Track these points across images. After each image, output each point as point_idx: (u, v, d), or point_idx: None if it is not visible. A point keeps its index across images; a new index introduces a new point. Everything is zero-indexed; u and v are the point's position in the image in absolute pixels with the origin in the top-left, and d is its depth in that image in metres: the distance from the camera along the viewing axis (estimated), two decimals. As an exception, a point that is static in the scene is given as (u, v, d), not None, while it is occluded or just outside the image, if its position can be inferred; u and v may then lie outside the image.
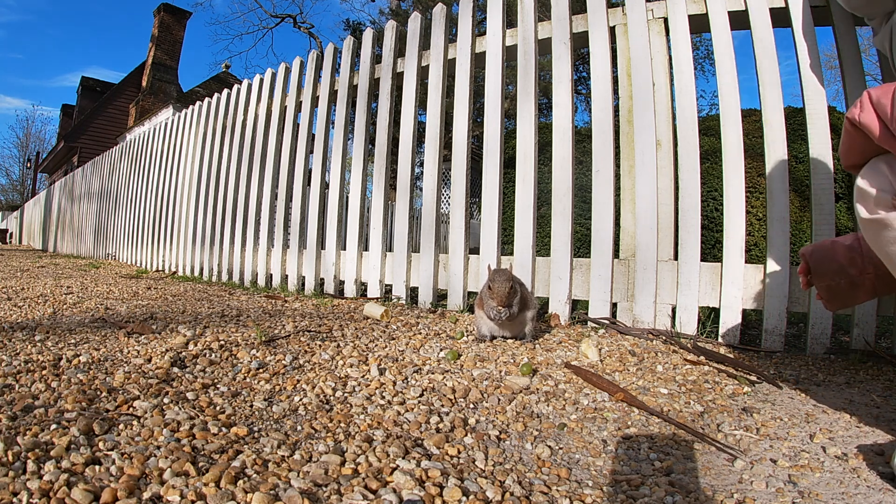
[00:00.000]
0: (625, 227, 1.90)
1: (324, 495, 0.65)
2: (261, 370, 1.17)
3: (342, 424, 0.89)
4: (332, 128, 2.96)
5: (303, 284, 2.99)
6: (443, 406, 1.01)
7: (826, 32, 1.70)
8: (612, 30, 1.99)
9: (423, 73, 2.57)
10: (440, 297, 2.41)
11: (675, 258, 1.79)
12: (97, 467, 0.66)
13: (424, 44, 2.58)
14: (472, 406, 1.03)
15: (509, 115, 8.33)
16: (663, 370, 1.30)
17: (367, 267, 2.62)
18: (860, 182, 0.76)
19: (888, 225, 0.73)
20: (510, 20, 2.32)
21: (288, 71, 3.36)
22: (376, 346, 1.45)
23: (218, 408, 0.93)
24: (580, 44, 2.13)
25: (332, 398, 1.03)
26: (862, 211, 0.77)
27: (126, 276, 3.68)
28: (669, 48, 1.89)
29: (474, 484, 0.70)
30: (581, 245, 3.73)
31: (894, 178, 0.71)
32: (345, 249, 2.77)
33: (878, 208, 0.74)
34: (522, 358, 1.37)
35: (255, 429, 0.85)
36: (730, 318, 1.68)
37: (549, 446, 0.85)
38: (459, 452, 0.81)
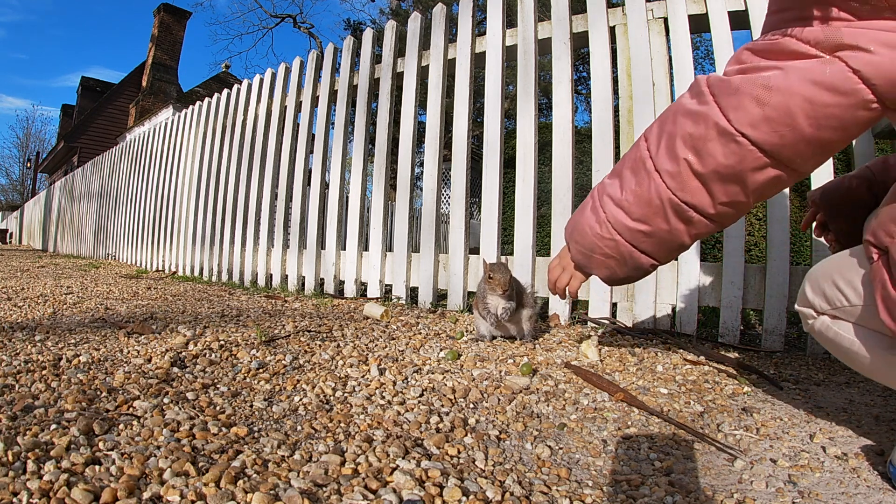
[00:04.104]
0: (625, 227, 1.90)
1: (324, 495, 0.65)
2: (261, 370, 1.17)
3: (342, 424, 0.89)
4: (332, 128, 2.96)
5: (303, 284, 2.99)
6: (443, 406, 1.01)
7: (826, 32, 1.70)
8: (612, 30, 1.99)
9: (423, 73, 2.57)
10: (440, 297, 2.41)
11: (675, 258, 1.79)
12: (97, 467, 0.66)
13: (424, 44, 2.58)
14: (472, 406, 1.03)
15: (509, 115, 8.32)
16: (663, 370, 1.30)
17: (367, 267, 2.62)
18: (796, 304, 0.90)
19: (814, 329, 0.86)
20: (510, 20, 2.32)
21: (288, 71, 3.36)
22: (376, 346, 1.45)
23: (218, 408, 0.93)
24: (580, 44, 2.13)
25: (332, 398, 1.03)
26: (804, 324, 0.90)
27: (126, 276, 3.68)
28: (669, 48, 1.89)
29: (474, 484, 0.70)
30: (581, 245, 3.71)
31: (809, 297, 0.85)
32: (345, 249, 2.77)
33: (807, 319, 0.87)
34: (522, 358, 1.37)
35: (255, 429, 0.85)
36: (730, 318, 1.69)
37: (549, 446, 0.85)
38: (459, 452, 0.81)
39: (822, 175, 1.59)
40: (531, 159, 2.10)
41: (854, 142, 1.61)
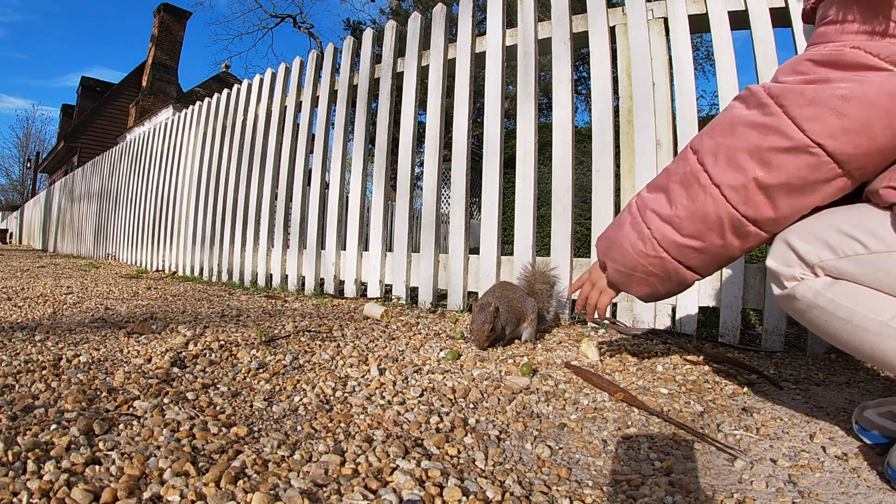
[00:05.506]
0: (625, 227, 1.90)
1: (324, 495, 0.65)
2: (261, 370, 1.17)
3: (342, 424, 0.89)
4: (332, 128, 2.96)
5: (303, 284, 2.99)
6: (443, 406, 1.01)
7: (826, 32, 1.70)
8: (612, 30, 1.99)
9: (423, 73, 2.57)
10: (440, 297, 2.41)
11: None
12: (97, 467, 0.66)
13: (424, 44, 2.58)
14: (472, 406, 1.03)
15: (509, 115, 8.33)
16: (663, 370, 1.30)
17: (367, 267, 2.62)
18: (769, 262, 0.80)
19: (794, 297, 0.77)
20: (510, 20, 2.32)
21: (288, 71, 3.36)
22: (376, 346, 1.45)
23: (218, 408, 0.93)
24: (580, 44, 2.13)
25: (332, 398, 1.03)
26: (774, 289, 0.82)
27: (126, 276, 3.68)
28: (669, 48, 1.89)
29: (474, 484, 0.70)
30: (581, 245, 3.73)
31: (801, 249, 0.76)
32: (345, 249, 2.77)
33: (786, 282, 0.78)
34: (522, 358, 1.37)
35: (255, 429, 0.85)
36: (730, 318, 1.68)
37: (549, 446, 0.85)
38: (459, 452, 0.81)
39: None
40: (531, 159, 2.10)
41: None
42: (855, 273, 0.71)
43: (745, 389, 1.16)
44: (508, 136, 4.09)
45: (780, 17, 1.71)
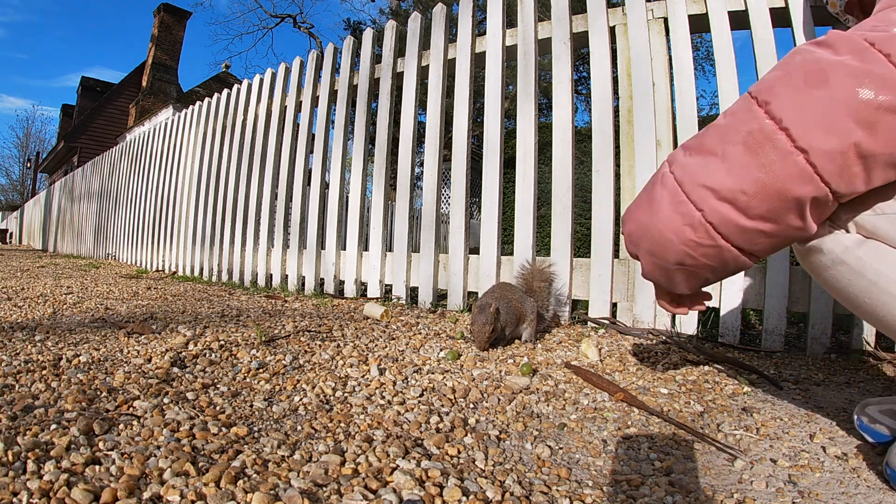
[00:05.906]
0: (625, 227, 1.90)
1: (324, 495, 0.65)
2: (261, 370, 1.17)
3: (342, 424, 0.89)
4: (332, 128, 2.96)
5: (303, 284, 2.99)
6: (443, 406, 1.01)
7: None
8: (612, 30, 1.99)
9: (423, 73, 2.57)
10: (440, 297, 2.41)
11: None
12: (97, 467, 0.66)
13: (424, 44, 2.58)
14: (472, 406, 1.03)
15: (509, 115, 8.33)
16: (663, 370, 1.30)
17: (367, 267, 2.62)
18: None
19: (821, 250, 0.68)
20: (510, 20, 2.32)
21: (288, 71, 3.36)
22: (376, 346, 1.45)
23: (218, 408, 0.93)
24: (580, 44, 2.13)
25: (332, 398, 1.03)
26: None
27: (126, 276, 3.68)
28: (669, 48, 1.89)
29: (474, 484, 0.70)
30: (581, 245, 3.73)
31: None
32: (345, 249, 2.77)
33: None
34: (522, 358, 1.37)
35: (255, 429, 0.85)
36: (730, 318, 1.68)
37: (549, 446, 0.85)
38: (459, 452, 0.81)
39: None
40: (531, 159, 2.10)
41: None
42: (890, 232, 0.63)
43: (745, 389, 1.16)
44: (508, 136, 4.09)
45: (780, 17, 1.71)
